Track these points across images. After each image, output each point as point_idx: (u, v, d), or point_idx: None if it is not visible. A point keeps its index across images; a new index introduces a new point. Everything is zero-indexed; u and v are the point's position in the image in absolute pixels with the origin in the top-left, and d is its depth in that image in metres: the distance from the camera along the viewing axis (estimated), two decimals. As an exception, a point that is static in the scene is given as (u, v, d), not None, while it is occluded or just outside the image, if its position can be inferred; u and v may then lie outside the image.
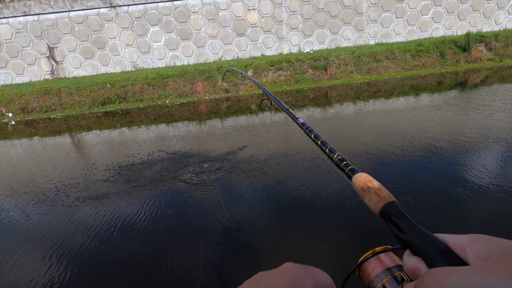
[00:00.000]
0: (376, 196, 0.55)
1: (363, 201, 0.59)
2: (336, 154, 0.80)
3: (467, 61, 12.24)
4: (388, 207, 0.51)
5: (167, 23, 14.30)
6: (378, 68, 12.30)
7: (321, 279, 0.33)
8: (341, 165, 0.75)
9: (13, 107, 11.47)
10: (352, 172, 0.70)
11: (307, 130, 1.04)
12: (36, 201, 4.08)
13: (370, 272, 0.49)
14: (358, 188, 0.63)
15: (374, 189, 0.57)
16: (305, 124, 1.09)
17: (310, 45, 15.24)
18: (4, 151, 7.04)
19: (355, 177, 0.66)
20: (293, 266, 0.33)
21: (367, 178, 0.62)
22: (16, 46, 14.12)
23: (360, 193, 0.61)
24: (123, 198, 3.89)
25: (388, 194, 0.54)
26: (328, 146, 0.86)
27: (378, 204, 0.53)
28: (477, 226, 2.66)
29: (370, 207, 0.56)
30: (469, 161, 3.92)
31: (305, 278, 0.32)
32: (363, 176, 0.64)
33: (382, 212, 0.51)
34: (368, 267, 0.50)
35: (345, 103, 8.44)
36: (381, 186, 0.57)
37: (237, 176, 4.15)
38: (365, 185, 0.60)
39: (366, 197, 0.58)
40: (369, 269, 0.49)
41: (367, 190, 0.58)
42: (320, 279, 0.33)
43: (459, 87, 9.01)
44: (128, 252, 2.80)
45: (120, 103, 11.58)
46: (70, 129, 8.83)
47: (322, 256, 2.49)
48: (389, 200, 0.52)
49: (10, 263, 2.80)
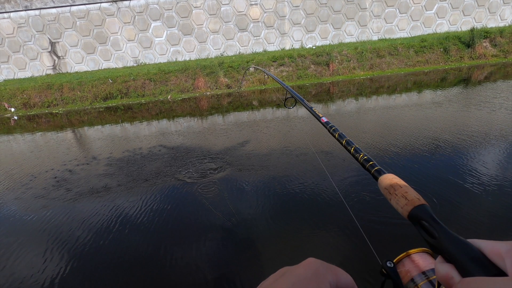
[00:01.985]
0: (403, 199, 0.52)
1: (390, 204, 0.56)
2: (361, 154, 0.78)
3: (471, 57, 12.12)
4: (417, 211, 0.48)
5: (169, 18, 14.23)
6: (381, 64, 12.21)
7: (342, 277, 0.33)
8: (367, 166, 0.73)
9: (16, 102, 11.51)
10: (378, 173, 0.67)
11: (331, 129, 1.01)
12: (36, 195, 4.11)
13: (404, 275, 0.47)
14: (384, 190, 0.60)
15: (401, 192, 0.54)
16: (329, 123, 1.06)
17: (313, 41, 15.13)
18: (7, 146, 7.08)
19: (382, 178, 0.64)
20: (315, 261, 0.34)
21: (394, 180, 0.59)
22: (18, 41, 14.11)
23: (387, 195, 0.58)
24: (125, 193, 3.91)
25: (416, 196, 0.51)
26: (353, 145, 0.84)
27: (405, 208, 0.50)
28: (477, 225, 2.65)
29: (398, 210, 0.53)
30: (475, 158, 3.90)
31: (326, 273, 0.32)
32: (390, 177, 0.61)
33: (411, 216, 0.49)
34: (402, 270, 0.48)
35: (347, 100, 8.40)
36: (409, 188, 0.54)
37: (240, 171, 4.15)
38: (391, 187, 0.57)
39: (393, 199, 0.55)
40: (403, 272, 0.47)
41: (393, 192, 0.56)
42: (341, 277, 0.33)
43: (463, 83, 8.93)
44: (129, 247, 2.81)
45: (122, 98, 11.59)
46: (72, 124, 8.86)
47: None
48: (418, 203, 0.49)
49: (8, 257, 2.83)
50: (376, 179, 0.67)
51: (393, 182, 0.59)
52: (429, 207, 0.48)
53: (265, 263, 2.43)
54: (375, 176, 0.68)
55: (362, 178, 3.55)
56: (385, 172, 0.66)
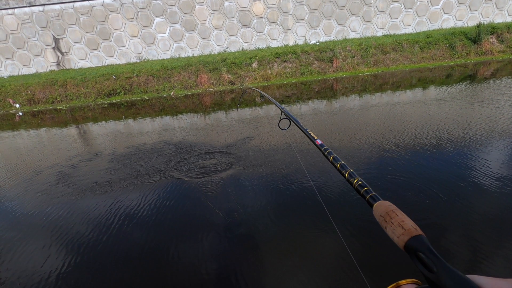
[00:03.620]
0: (400, 228, 0.51)
1: (385, 232, 0.55)
2: (356, 179, 0.77)
3: (477, 53, 11.95)
4: (414, 242, 0.47)
5: (172, 14, 14.18)
6: (385, 60, 12.09)
7: None
8: (362, 191, 0.71)
9: (20, 98, 11.59)
10: (373, 199, 0.66)
11: (326, 152, 1.00)
12: (40, 190, 4.15)
13: None
14: (379, 217, 0.59)
15: (397, 220, 0.53)
16: (323, 145, 1.05)
17: (316, 37, 15.02)
18: (12, 141, 7.15)
19: (377, 205, 0.62)
20: None
21: (389, 208, 0.58)
22: (22, 37, 14.17)
23: (382, 223, 0.57)
24: (128, 188, 3.93)
25: (413, 226, 0.50)
26: (348, 169, 0.83)
27: (402, 238, 0.49)
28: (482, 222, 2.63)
29: (394, 240, 0.52)
30: (479, 156, 3.86)
31: None
32: (386, 204, 0.60)
33: (407, 246, 0.47)
34: None
35: (351, 96, 8.34)
36: (405, 217, 0.53)
37: (243, 167, 4.16)
38: (387, 215, 0.56)
39: (388, 228, 0.54)
40: None
41: (389, 220, 0.54)
42: None
43: (468, 80, 8.82)
44: (133, 242, 2.84)
45: (125, 94, 11.62)
46: (76, 120, 8.91)
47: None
48: (415, 234, 0.48)
49: (11, 251, 2.87)
50: (371, 205, 0.65)
51: (389, 209, 0.57)
52: (426, 238, 0.47)
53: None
54: (370, 202, 0.66)
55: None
56: (380, 198, 0.65)
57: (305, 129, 1.26)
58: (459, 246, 2.37)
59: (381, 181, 3.46)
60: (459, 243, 2.40)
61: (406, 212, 0.55)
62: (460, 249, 2.34)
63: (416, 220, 0.53)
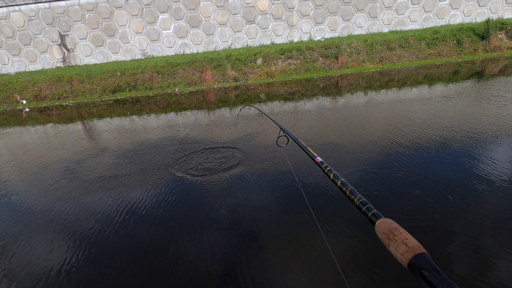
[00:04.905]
0: (403, 245, 0.51)
1: (388, 250, 0.54)
2: (357, 196, 0.76)
3: (486, 49, 11.75)
4: (418, 260, 0.47)
5: (177, 10, 14.17)
6: (391, 57, 11.96)
7: None
8: (363, 209, 0.71)
9: (27, 94, 11.72)
10: (375, 216, 0.66)
11: (326, 169, 0.99)
12: (46, 186, 4.21)
13: None
14: (382, 234, 0.58)
15: (401, 238, 0.53)
16: (323, 162, 1.04)
17: (321, 33, 14.90)
18: (20, 137, 7.24)
19: (379, 222, 0.62)
20: None
21: (392, 225, 0.58)
22: (29, 33, 14.29)
23: (385, 240, 0.57)
24: (133, 184, 3.97)
25: (417, 244, 0.50)
26: (348, 187, 0.82)
27: (406, 255, 0.49)
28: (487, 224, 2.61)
29: (397, 258, 0.52)
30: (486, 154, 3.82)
31: None
32: (388, 222, 0.60)
33: (411, 264, 0.47)
34: None
35: (355, 94, 8.28)
36: (408, 235, 0.53)
37: (249, 163, 4.16)
38: (390, 233, 0.56)
39: (392, 245, 0.54)
40: None
41: (393, 238, 0.54)
42: None
43: (475, 77, 8.69)
44: (139, 237, 2.87)
45: (130, 91, 11.68)
46: (82, 117, 8.99)
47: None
48: (419, 252, 0.48)
49: (17, 246, 2.93)
50: (373, 223, 0.65)
51: (392, 227, 0.57)
52: (430, 256, 0.47)
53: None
54: (372, 220, 0.66)
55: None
56: (382, 216, 0.65)
57: (305, 146, 1.26)
58: (467, 249, 2.36)
59: (386, 178, 3.45)
60: (468, 247, 2.38)
61: (411, 210, 0.55)
62: (470, 253, 2.33)
63: (421, 219, 0.53)
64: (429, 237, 2.46)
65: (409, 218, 2.67)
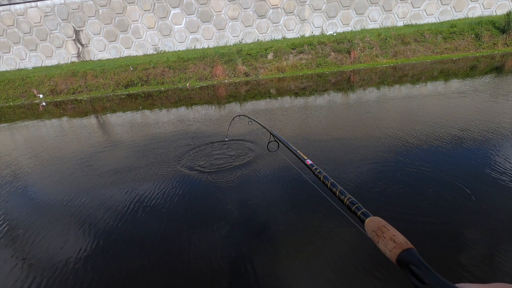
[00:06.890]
0: (391, 242, 0.53)
1: (378, 247, 0.57)
2: (347, 196, 0.79)
3: (506, 43, 11.31)
4: (406, 255, 0.49)
5: (188, 5, 14.20)
6: (405, 51, 11.67)
7: None
8: (353, 208, 0.74)
9: (44, 88, 12.06)
10: (364, 215, 0.68)
11: (316, 171, 1.02)
12: (61, 177, 4.35)
13: None
14: (371, 232, 0.61)
15: (389, 235, 0.55)
16: (313, 165, 1.07)
17: (334, 27, 14.65)
18: (37, 129, 7.48)
19: (369, 220, 0.65)
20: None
21: (380, 223, 0.60)
22: (45, 29, 14.64)
23: (374, 238, 0.59)
24: (146, 178, 4.05)
25: (404, 240, 0.52)
26: (338, 188, 0.85)
27: (394, 251, 0.51)
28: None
29: (386, 254, 0.54)
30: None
31: None
32: (377, 220, 0.63)
33: (399, 259, 0.50)
34: None
35: (368, 89, 8.14)
36: (396, 231, 0.56)
37: (261, 159, 4.18)
38: (379, 230, 0.59)
39: (380, 242, 0.56)
40: None
41: (381, 235, 0.57)
42: None
43: (494, 72, 8.39)
44: (150, 230, 2.94)
45: (142, 86, 11.85)
46: (96, 111, 9.19)
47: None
48: (406, 247, 0.50)
49: (32, 235, 3.04)
50: (362, 221, 0.67)
51: (381, 224, 0.59)
52: (417, 251, 0.49)
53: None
54: (361, 218, 0.68)
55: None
56: (371, 214, 0.67)
57: (295, 150, 1.29)
58: (482, 250, 2.32)
59: (400, 173, 3.40)
60: (484, 247, 2.34)
61: (424, 209, 0.57)
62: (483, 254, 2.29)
63: (429, 217, 0.53)
64: (446, 237, 2.42)
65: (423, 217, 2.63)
